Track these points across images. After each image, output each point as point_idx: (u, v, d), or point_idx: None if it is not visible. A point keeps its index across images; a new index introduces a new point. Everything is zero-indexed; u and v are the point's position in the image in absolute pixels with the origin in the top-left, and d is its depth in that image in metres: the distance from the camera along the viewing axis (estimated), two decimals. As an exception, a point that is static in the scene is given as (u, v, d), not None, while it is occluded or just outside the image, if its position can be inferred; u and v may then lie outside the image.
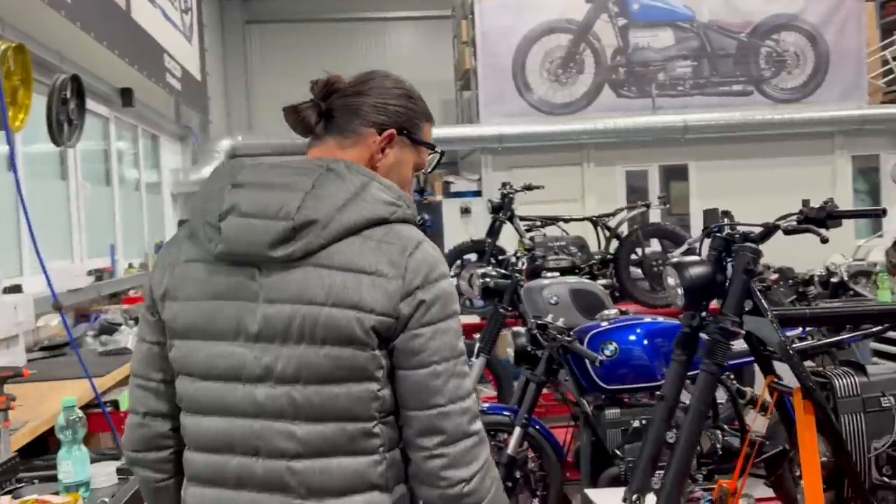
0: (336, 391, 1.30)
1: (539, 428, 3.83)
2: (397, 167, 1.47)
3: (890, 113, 11.87)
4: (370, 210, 1.33)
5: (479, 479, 1.33)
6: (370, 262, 1.31)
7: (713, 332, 2.19)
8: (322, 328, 1.29)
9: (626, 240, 6.99)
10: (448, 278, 1.37)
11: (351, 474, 1.31)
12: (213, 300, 1.35)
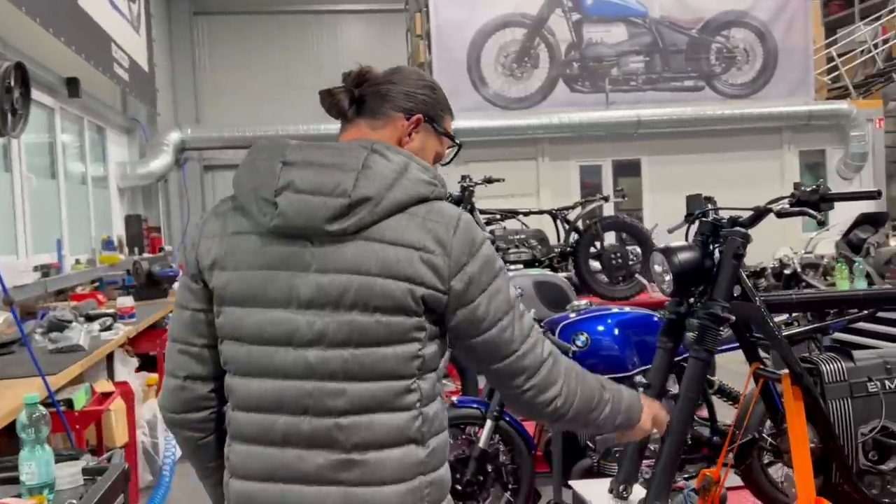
0: (385, 352, 1.42)
1: (510, 420, 3.76)
2: (421, 152, 1.57)
3: (835, 109, 12.14)
4: (414, 189, 1.45)
5: (566, 388, 1.52)
6: (418, 239, 1.42)
7: (703, 318, 2.15)
8: (377, 297, 1.41)
9: (585, 233, 6.98)
10: (486, 242, 1.48)
11: (393, 429, 1.42)
12: (266, 270, 1.45)
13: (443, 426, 1.50)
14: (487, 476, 3.70)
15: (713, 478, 2.62)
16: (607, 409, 1.61)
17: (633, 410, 1.70)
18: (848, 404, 2.23)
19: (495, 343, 1.47)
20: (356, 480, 1.42)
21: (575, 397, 1.54)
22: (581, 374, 1.58)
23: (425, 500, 1.44)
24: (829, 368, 2.25)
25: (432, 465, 1.46)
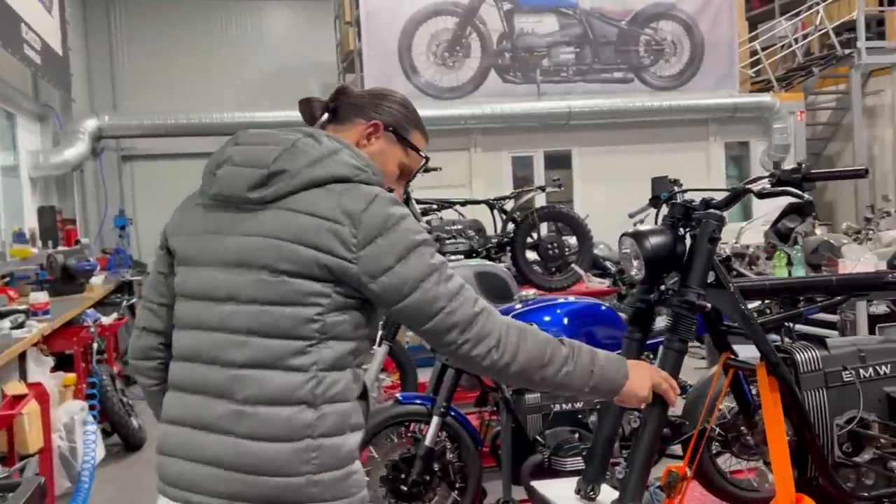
0: (284, 311, 1.52)
1: (457, 416, 3.61)
2: (381, 157, 1.72)
3: (759, 101, 12.39)
4: (336, 168, 1.57)
5: (505, 341, 1.57)
6: (329, 211, 1.53)
7: (677, 306, 2.03)
8: (284, 260, 1.53)
9: (522, 223, 6.87)
10: (406, 220, 1.56)
11: (284, 387, 1.50)
12: (206, 234, 1.62)
13: (345, 398, 1.56)
14: (433, 475, 3.55)
15: (679, 474, 2.50)
16: (567, 367, 1.64)
17: (610, 371, 1.70)
18: (823, 395, 2.14)
19: (420, 304, 1.54)
20: (245, 433, 1.50)
21: (516, 350, 1.59)
22: (526, 330, 1.63)
23: (311, 464, 1.50)
24: (804, 357, 2.16)
25: (323, 429, 1.52)
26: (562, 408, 3.61)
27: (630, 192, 11.49)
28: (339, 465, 1.54)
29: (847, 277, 2.32)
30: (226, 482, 1.51)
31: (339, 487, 1.53)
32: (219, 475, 1.51)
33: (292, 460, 1.49)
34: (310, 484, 1.50)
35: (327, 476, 1.52)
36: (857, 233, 8.87)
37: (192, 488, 1.54)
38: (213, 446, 1.52)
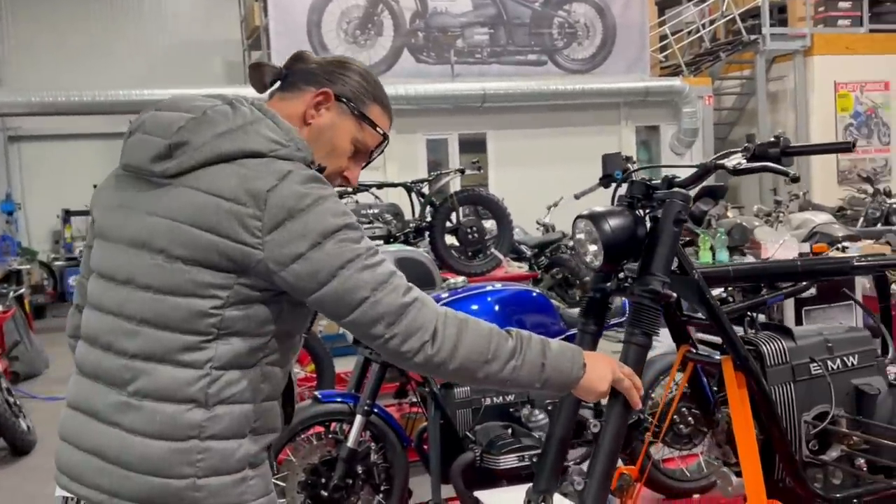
0: (179, 303, 1.39)
1: (382, 414, 3.36)
2: (331, 131, 1.54)
3: (669, 86, 12.52)
4: (247, 141, 1.41)
5: (441, 334, 1.42)
6: (232, 190, 1.37)
7: (640, 295, 1.82)
8: (179, 245, 1.39)
9: (440, 206, 6.66)
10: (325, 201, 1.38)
11: (173, 383, 1.39)
12: (117, 208, 1.49)
13: (245, 399, 1.43)
14: (357, 478, 3.29)
15: (631, 477, 2.32)
16: (514, 361, 1.48)
17: (563, 364, 1.54)
18: (791, 389, 1.98)
19: (339, 294, 1.39)
20: (129, 426, 1.40)
21: (455, 344, 1.43)
22: (467, 321, 1.46)
23: (196, 466, 1.39)
24: (770, 349, 1.99)
25: (213, 431, 1.40)
26: (493, 401, 3.41)
27: (544, 176, 11.51)
28: (229, 470, 1.42)
29: (812, 263, 2.17)
30: (108, 476, 1.41)
31: (227, 493, 1.41)
32: (102, 468, 1.42)
33: (174, 461, 1.38)
34: (193, 488, 1.39)
35: (214, 481, 1.40)
36: (768, 215, 9.04)
37: (79, 479, 1.45)
38: (98, 436, 1.43)
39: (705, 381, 2.17)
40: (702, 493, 3.57)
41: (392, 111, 1.61)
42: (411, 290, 1.43)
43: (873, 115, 13.29)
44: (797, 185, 11.24)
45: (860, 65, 13.13)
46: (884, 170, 13.05)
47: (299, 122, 1.51)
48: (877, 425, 2.01)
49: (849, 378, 2.05)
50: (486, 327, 1.48)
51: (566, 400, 1.99)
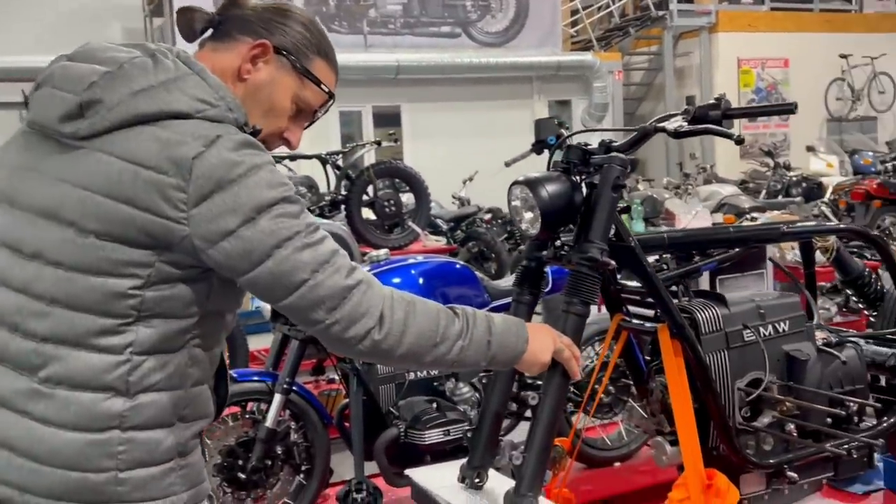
0: (94, 282, 1.26)
1: (301, 392, 3.24)
2: (270, 87, 1.38)
3: (581, 60, 12.63)
4: (168, 101, 1.26)
5: (388, 319, 1.33)
6: (151, 156, 1.23)
7: (578, 263, 1.76)
8: (92, 217, 1.25)
9: (357, 179, 6.53)
10: (260, 170, 1.24)
11: (89, 370, 1.26)
12: (23, 170, 1.33)
13: (172, 385, 1.31)
14: (276, 458, 3.17)
15: (563, 449, 2.29)
16: (462, 341, 1.41)
17: (509, 339, 1.49)
18: (725, 356, 1.97)
19: (275, 276, 1.27)
20: (40, 416, 1.27)
21: (403, 329, 1.34)
22: (414, 303, 1.37)
23: (117, 458, 1.27)
24: (705, 316, 1.97)
25: (136, 422, 1.28)
26: (417, 376, 3.34)
27: (459, 150, 11.46)
28: (155, 462, 1.30)
29: (744, 229, 2.17)
30: (17, 470, 1.27)
31: (153, 486, 1.29)
32: (10, 461, 1.28)
33: (91, 454, 1.26)
34: (114, 482, 1.27)
35: (138, 473, 1.28)
36: (677, 188, 9.26)
37: None
38: (6, 426, 1.28)
39: (638, 351, 2.15)
40: (622, 461, 3.60)
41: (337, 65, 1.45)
42: (355, 271, 1.31)
43: (774, 91, 13.78)
44: (703, 158, 11.56)
45: (762, 42, 13.58)
46: (783, 144, 13.55)
47: (233, 77, 1.35)
48: (806, 390, 2.02)
49: (780, 344, 2.06)
50: (433, 308, 1.40)
51: (501, 374, 1.93)
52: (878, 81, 14.45)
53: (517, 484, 1.74)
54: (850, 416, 2.11)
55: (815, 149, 11.33)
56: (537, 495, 1.73)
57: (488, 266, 9.02)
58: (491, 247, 9.33)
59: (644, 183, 10.15)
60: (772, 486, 2.08)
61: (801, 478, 2.09)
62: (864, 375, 2.19)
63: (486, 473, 1.92)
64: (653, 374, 2.11)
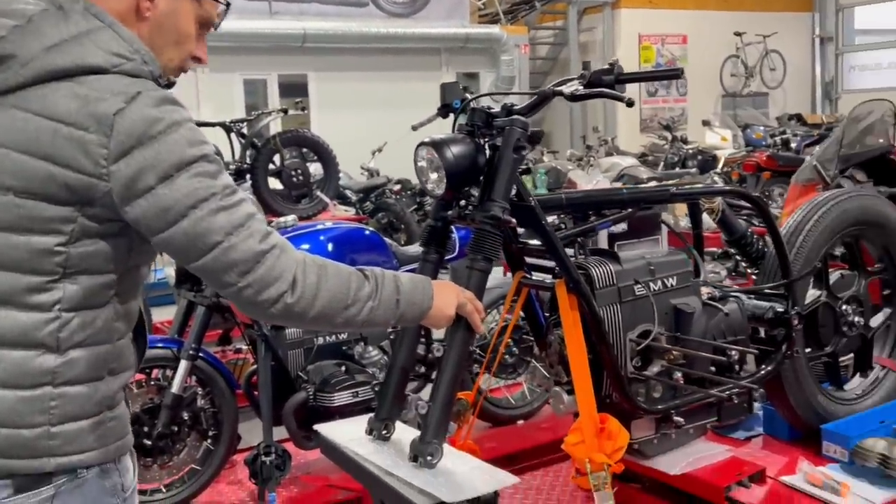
0: (17, 240, 1.26)
1: (208, 358, 3.23)
2: (173, 17, 1.38)
3: (488, 33, 12.72)
4: (84, 56, 1.25)
5: (301, 284, 1.35)
6: (70, 112, 1.23)
7: (481, 221, 1.83)
8: (9, 174, 1.25)
9: (263, 148, 6.43)
10: (181, 128, 1.27)
11: (18, 327, 1.27)
12: None
13: (101, 340, 1.33)
14: (182, 424, 3.16)
15: (468, 402, 2.38)
16: (372, 302, 1.45)
17: (416, 296, 1.54)
18: (617, 310, 2.09)
19: (189, 237, 1.28)
20: None
21: (315, 292, 1.37)
22: (326, 266, 1.41)
23: (49, 413, 1.28)
24: (599, 272, 2.08)
25: (68, 377, 1.30)
26: (325, 340, 3.37)
27: (368, 121, 11.41)
28: (86, 415, 1.32)
29: (637, 191, 2.29)
30: None
31: (84, 439, 1.31)
32: None
33: (23, 410, 1.27)
34: (46, 436, 1.28)
35: (70, 427, 1.30)
36: (580, 160, 9.50)
37: None
38: None
39: (538, 307, 2.25)
40: (525, 419, 3.73)
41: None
42: (270, 236, 1.33)
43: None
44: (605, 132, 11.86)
45: (662, 19, 13.97)
46: (681, 118, 14.03)
47: (134, 18, 1.34)
48: (692, 340, 2.17)
49: (668, 298, 2.20)
50: (345, 272, 1.43)
51: (407, 330, 1.99)
52: (769, 59, 15.09)
53: (422, 432, 1.82)
54: (732, 364, 2.27)
55: (711, 123, 11.79)
56: (441, 442, 1.81)
57: (398, 237, 9.06)
58: (400, 217, 9.37)
59: (549, 155, 10.38)
60: (660, 431, 2.23)
61: (687, 423, 2.24)
62: (745, 327, 2.36)
63: (392, 425, 1.98)
64: (551, 327, 2.21)
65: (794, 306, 2.42)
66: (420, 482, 1.71)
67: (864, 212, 2.70)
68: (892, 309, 2.93)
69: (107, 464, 1.35)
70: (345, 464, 1.96)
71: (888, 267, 2.89)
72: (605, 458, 1.93)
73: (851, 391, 2.85)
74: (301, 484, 3.18)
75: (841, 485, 2.36)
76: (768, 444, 2.75)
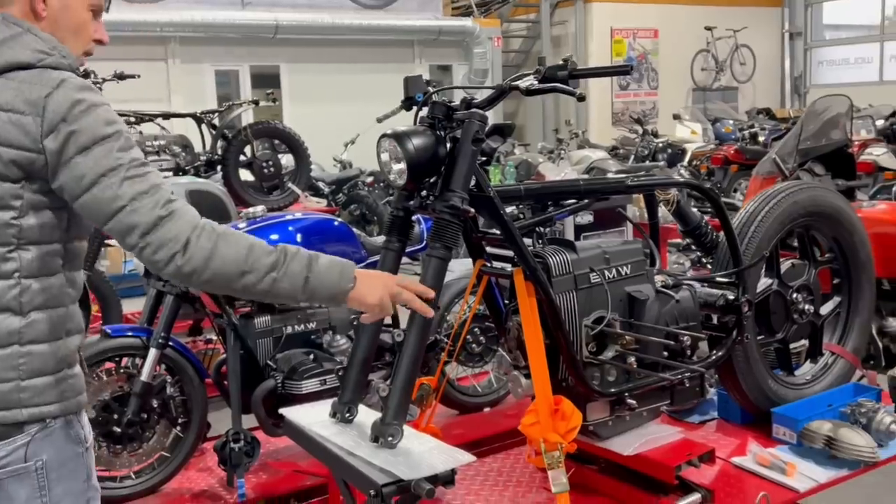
0: None
1: (177, 347, 3.27)
2: (66, 11, 1.60)
3: (462, 26, 12.77)
4: (13, 55, 1.50)
5: (192, 245, 1.53)
6: (8, 101, 1.47)
7: (441, 211, 1.90)
8: None
9: (234, 139, 6.43)
10: (98, 109, 1.50)
11: None
12: None
13: (58, 303, 1.56)
14: (152, 412, 3.19)
15: (430, 386, 2.45)
16: (274, 273, 1.58)
17: (330, 278, 1.65)
18: (573, 296, 2.16)
19: (99, 201, 1.49)
20: None
21: (207, 257, 1.54)
22: (227, 236, 1.57)
23: (19, 369, 1.51)
24: (556, 261, 2.15)
25: (31, 336, 1.52)
26: (294, 329, 3.41)
27: (340, 113, 11.41)
28: (50, 371, 1.55)
29: (593, 182, 2.36)
30: None
31: (49, 392, 1.54)
32: None
33: None
34: (17, 389, 1.51)
35: (37, 381, 1.53)
36: (551, 153, 9.60)
37: None
38: None
39: (498, 294, 2.32)
40: (492, 407, 3.81)
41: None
42: (171, 203, 1.53)
43: (644, 61, 14.35)
44: (577, 125, 11.96)
45: (633, 13, 14.09)
46: (652, 112, 14.18)
47: (32, 18, 1.56)
48: (645, 326, 2.25)
49: (623, 286, 2.27)
50: (246, 242, 1.58)
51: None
52: (739, 53, 15.29)
53: (383, 414, 1.88)
54: (684, 349, 2.36)
55: (681, 117, 11.95)
56: (402, 423, 1.88)
57: (370, 229, 9.11)
58: (373, 210, 9.40)
59: (520, 148, 10.47)
60: (615, 414, 2.31)
61: (641, 405, 2.33)
62: (697, 314, 2.45)
63: (355, 408, 2.04)
64: (510, 314, 2.29)
65: (745, 294, 2.51)
66: (380, 461, 1.78)
67: (814, 203, 2.80)
68: (841, 297, 3.03)
69: (69, 416, 1.57)
70: (309, 445, 2.03)
71: (838, 257, 2.99)
72: (559, 437, 2.01)
73: (802, 376, 2.95)
74: (270, 470, 3.22)
75: (787, 465, 2.46)
76: (721, 428, 2.85)
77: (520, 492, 2.45)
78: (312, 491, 3.02)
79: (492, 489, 2.47)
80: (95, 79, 5.73)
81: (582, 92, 1.85)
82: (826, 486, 2.47)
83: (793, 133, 4.66)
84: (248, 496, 2.99)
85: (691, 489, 2.32)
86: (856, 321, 3.02)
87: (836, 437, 2.51)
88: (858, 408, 2.67)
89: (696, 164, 9.47)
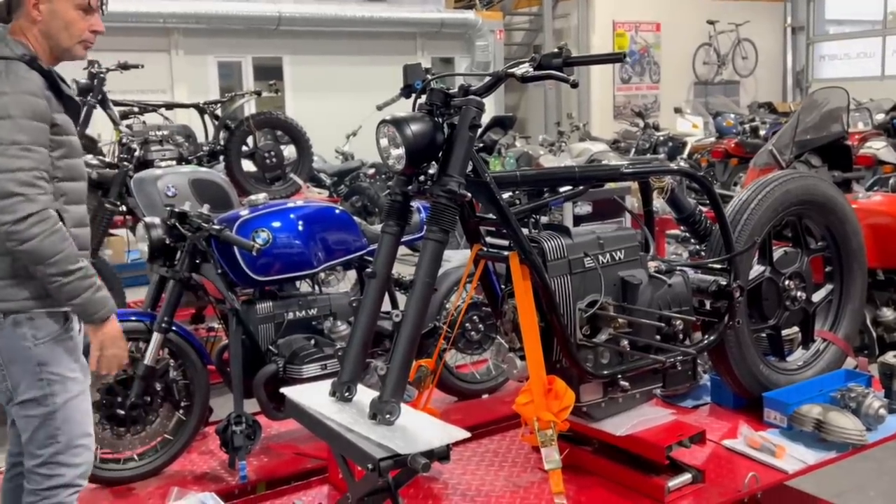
0: None
1: (180, 331, 3.32)
2: (55, 16, 2.10)
3: (463, 18, 12.80)
4: None
5: (26, 224, 2.00)
6: None
7: (438, 195, 1.95)
8: None
9: (236, 130, 6.48)
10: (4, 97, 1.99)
11: None
12: None
13: None
14: (155, 395, 3.24)
15: (428, 368, 2.50)
16: (64, 279, 2.07)
17: (93, 307, 2.18)
18: (568, 280, 2.21)
19: None
20: None
21: (31, 238, 2.00)
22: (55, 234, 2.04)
23: None
24: (551, 245, 2.20)
25: None
26: (295, 315, 3.46)
27: (342, 104, 11.44)
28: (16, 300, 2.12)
29: (588, 169, 2.40)
30: None
31: None
32: None
33: None
34: None
35: None
36: (552, 145, 9.63)
37: None
38: None
39: (494, 278, 2.37)
40: (490, 394, 3.86)
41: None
42: (32, 187, 1.99)
43: (646, 55, 14.37)
44: (578, 118, 11.98)
45: (635, 6, 14.10)
46: (654, 105, 14.20)
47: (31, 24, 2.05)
48: (638, 310, 2.30)
49: (616, 270, 2.32)
50: (67, 251, 2.05)
51: (369, 296, 2.10)
52: (741, 47, 15.29)
53: (381, 392, 1.94)
54: (676, 332, 2.41)
55: (683, 110, 11.97)
56: (399, 401, 1.93)
57: (371, 220, 9.15)
58: (374, 201, 9.44)
59: (521, 140, 10.50)
60: (608, 395, 2.36)
61: (634, 387, 2.38)
62: (690, 299, 2.50)
63: (354, 388, 2.09)
64: (506, 297, 2.34)
65: (736, 279, 2.56)
66: (377, 437, 1.83)
67: (806, 192, 2.84)
68: (833, 285, 3.08)
69: None
70: (309, 423, 2.08)
71: (830, 245, 3.04)
72: (552, 416, 2.07)
73: (794, 362, 3.00)
74: (271, 453, 3.27)
75: (777, 447, 2.52)
76: (714, 412, 2.90)
77: (515, 471, 2.50)
78: (313, 472, 3.07)
79: (487, 469, 2.52)
80: (99, 68, 5.78)
81: (575, 79, 1.90)
82: (814, 467, 2.52)
83: (790, 125, 4.70)
84: (249, 478, 3.04)
85: (682, 469, 2.38)
86: (847, 308, 3.07)
87: (825, 421, 2.56)
88: (848, 392, 2.72)
89: (696, 158, 9.51)
